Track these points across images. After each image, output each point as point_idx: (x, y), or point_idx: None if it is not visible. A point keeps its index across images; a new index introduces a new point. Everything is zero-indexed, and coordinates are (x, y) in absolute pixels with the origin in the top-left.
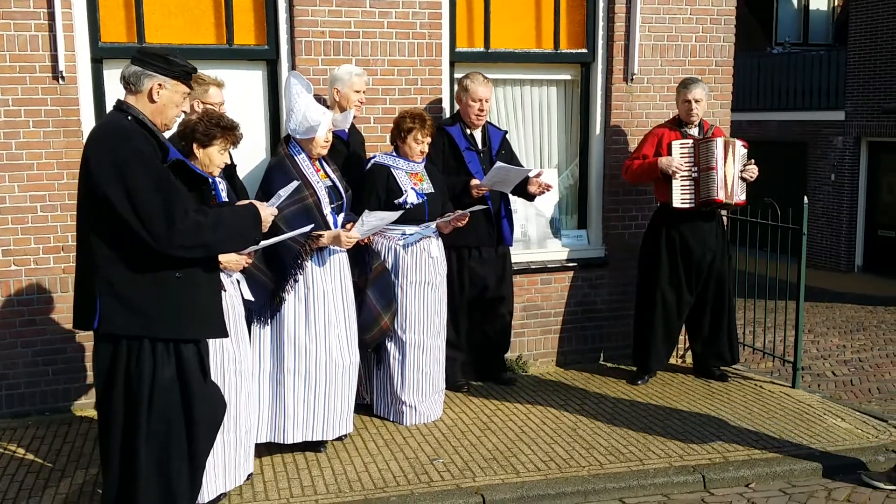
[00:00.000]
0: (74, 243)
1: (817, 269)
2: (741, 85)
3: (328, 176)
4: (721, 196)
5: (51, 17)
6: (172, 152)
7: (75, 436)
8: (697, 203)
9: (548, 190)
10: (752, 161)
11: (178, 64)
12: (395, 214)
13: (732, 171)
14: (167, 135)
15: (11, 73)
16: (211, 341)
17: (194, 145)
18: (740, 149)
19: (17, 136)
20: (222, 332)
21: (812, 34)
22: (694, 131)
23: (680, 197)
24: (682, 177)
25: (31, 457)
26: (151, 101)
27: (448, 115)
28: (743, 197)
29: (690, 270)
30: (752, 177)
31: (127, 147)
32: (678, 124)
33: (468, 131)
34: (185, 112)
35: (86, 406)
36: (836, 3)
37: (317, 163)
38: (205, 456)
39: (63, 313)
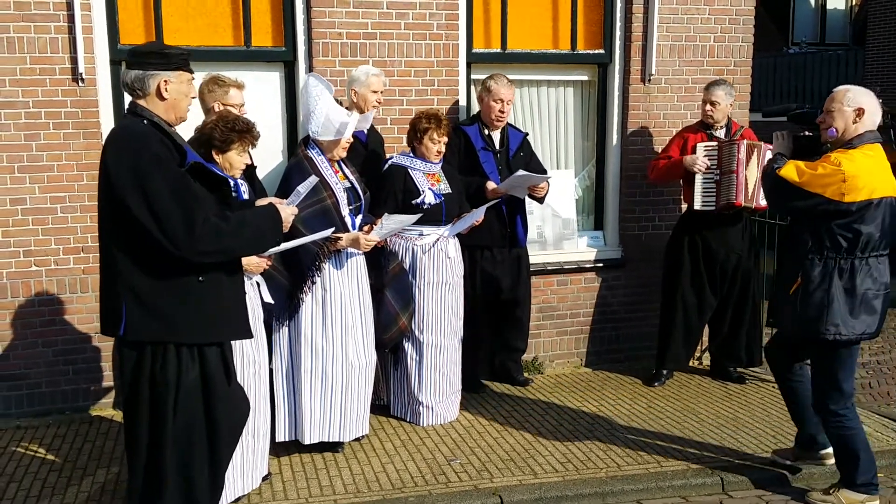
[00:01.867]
0: (94, 244)
1: None
2: (758, 85)
3: (347, 177)
4: (741, 200)
5: (70, 19)
6: (190, 154)
7: (96, 434)
8: (718, 206)
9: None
10: None
11: (173, 55)
12: (414, 218)
13: (755, 175)
14: (181, 129)
15: (32, 76)
16: (231, 343)
17: (213, 151)
18: (768, 153)
19: (37, 137)
20: (247, 334)
21: (829, 34)
22: (720, 133)
23: (701, 200)
24: (704, 179)
25: (52, 455)
26: (161, 98)
27: (465, 115)
28: (765, 202)
29: (714, 273)
30: None
31: (144, 152)
32: (704, 126)
33: (486, 132)
34: (193, 98)
35: (105, 406)
36: (853, 3)
37: (335, 164)
38: (227, 460)
39: (83, 314)
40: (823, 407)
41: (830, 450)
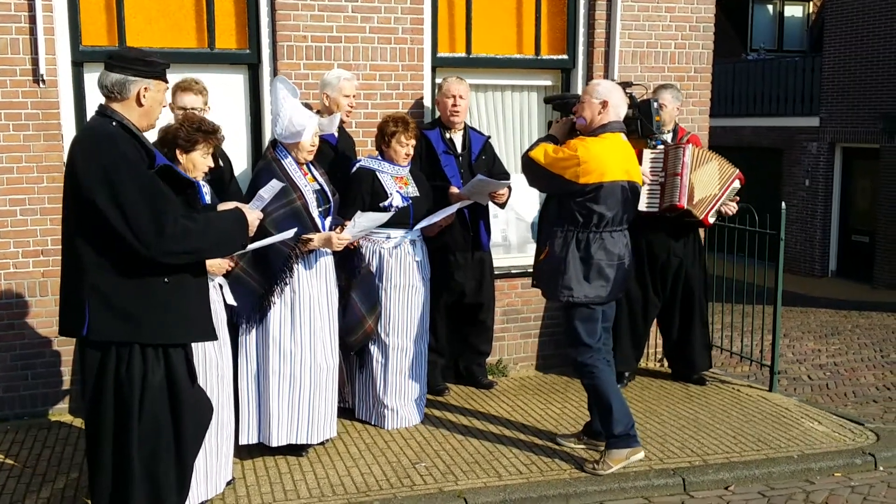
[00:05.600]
0: (53, 247)
1: (792, 274)
2: (717, 91)
3: (316, 179)
4: (683, 202)
5: (32, 20)
6: (159, 157)
7: (55, 440)
8: (661, 208)
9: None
10: (737, 199)
11: (157, 63)
12: (387, 216)
13: (703, 181)
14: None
15: None
16: (194, 346)
17: (177, 151)
18: (736, 183)
19: None
20: (211, 335)
21: (787, 41)
22: (667, 137)
23: (646, 202)
24: (649, 182)
25: (10, 462)
26: (140, 105)
27: (429, 119)
28: (712, 220)
29: (655, 275)
30: (728, 212)
31: (114, 152)
32: None
33: (447, 135)
34: (164, 107)
35: (64, 411)
36: (810, 10)
37: (304, 166)
38: (192, 460)
39: (42, 317)
40: (574, 361)
41: None
